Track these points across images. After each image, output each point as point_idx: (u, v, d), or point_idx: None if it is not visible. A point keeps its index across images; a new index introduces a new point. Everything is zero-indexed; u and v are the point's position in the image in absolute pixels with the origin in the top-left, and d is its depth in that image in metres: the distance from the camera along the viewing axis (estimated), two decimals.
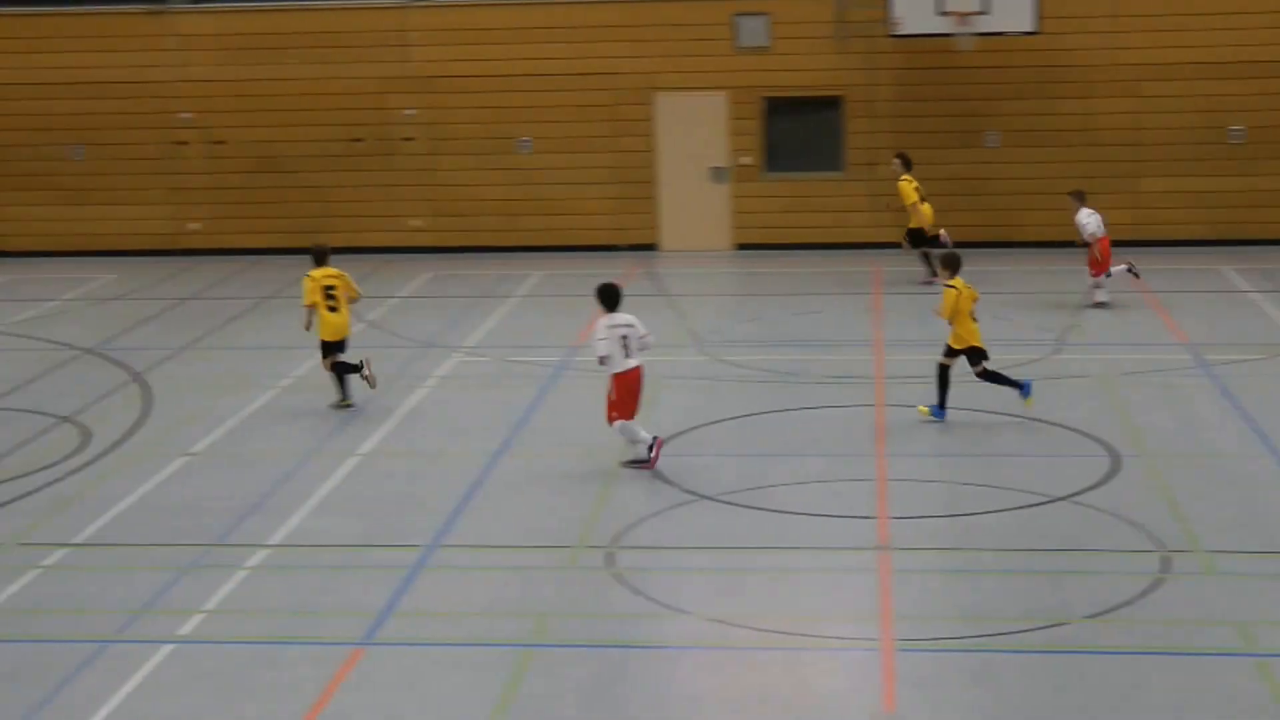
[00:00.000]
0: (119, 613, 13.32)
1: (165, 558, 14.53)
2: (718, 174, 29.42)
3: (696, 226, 29.49)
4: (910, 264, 26.07)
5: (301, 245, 29.28)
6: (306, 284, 19.48)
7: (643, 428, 16.79)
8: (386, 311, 24.56)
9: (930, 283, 24.31)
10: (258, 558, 14.52)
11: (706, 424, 18.26)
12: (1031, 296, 24.76)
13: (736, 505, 15.61)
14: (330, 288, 19.32)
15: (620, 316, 16.67)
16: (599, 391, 19.17)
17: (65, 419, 19.14)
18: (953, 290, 17.90)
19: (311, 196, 29.62)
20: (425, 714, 11.46)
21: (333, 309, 19.32)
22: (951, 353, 18.09)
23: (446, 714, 11.46)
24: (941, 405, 18.05)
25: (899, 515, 15.18)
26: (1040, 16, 27.12)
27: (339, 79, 29.43)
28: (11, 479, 16.91)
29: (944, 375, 18.06)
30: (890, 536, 14.66)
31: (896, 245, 26.52)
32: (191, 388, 20.49)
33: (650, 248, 29.44)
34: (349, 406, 19.30)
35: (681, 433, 17.93)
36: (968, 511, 15.37)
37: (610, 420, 16.70)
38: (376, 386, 19.37)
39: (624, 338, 16.55)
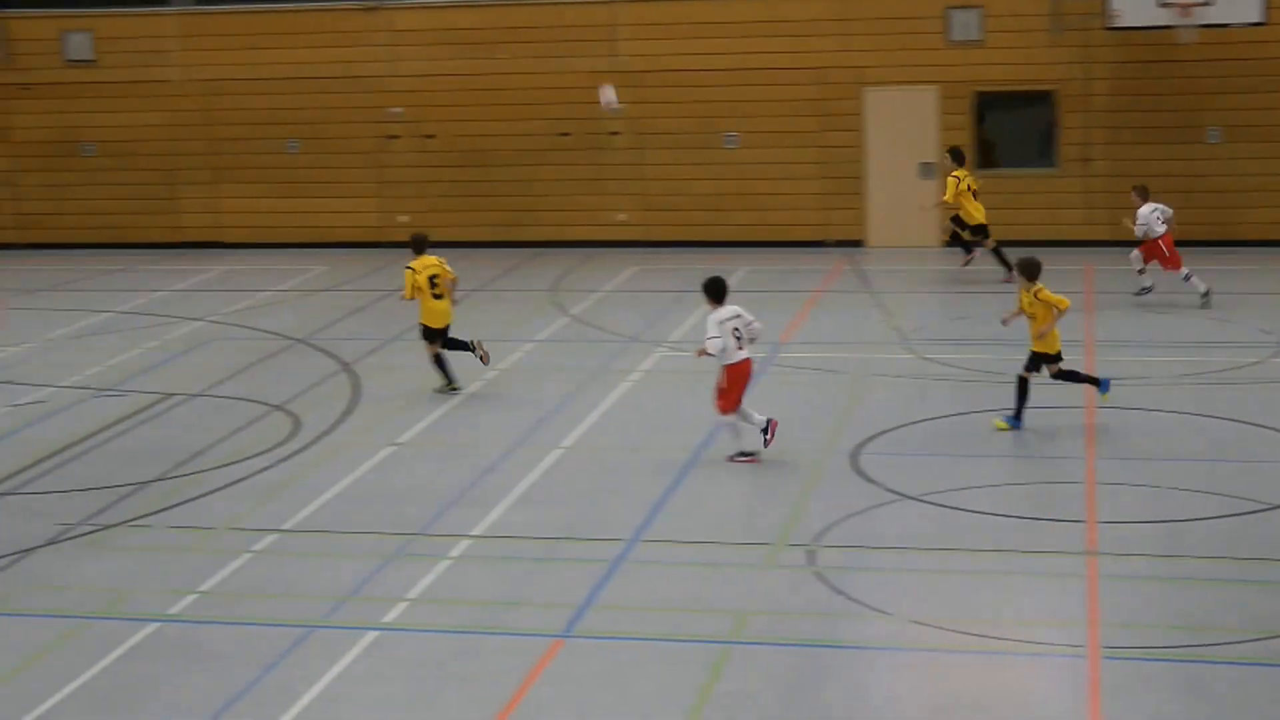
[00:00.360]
0: (325, 599, 13.53)
1: (370, 546, 14.74)
2: (926, 170, 29.07)
3: (904, 223, 29.20)
4: (1119, 262, 25.50)
5: (508, 239, 29.75)
6: (408, 276, 19.89)
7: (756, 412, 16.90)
8: (591, 305, 24.66)
9: (961, 262, 25.65)
10: (460, 548, 14.65)
11: (911, 423, 18.02)
12: (1252, 297, 24.07)
13: (940, 506, 15.37)
14: (433, 277, 19.80)
15: (729, 309, 16.84)
16: (802, 388, 19.06)
17: (276, 407, 19.52)
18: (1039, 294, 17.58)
19: (518, 190, 29.91)
20: (623, 708, 11.45)
21: (437, 296, 19.80)
22: (1036, 361, 17.67)
23: (644, 709, 11.43)
24: (1018, 415, 17.60)
25: (1108, 520, 14.83)
26: (1268, 6, 26.34)
27: (548, 73, 29.65)
28: (224, 465, 17.29)
29: (1025, 385, 17.64)
30: (1099, 541, 14.33)
31: (1111, 244, 25.95)
32: (399, 378, 20.77)
33: (856, 244, 29.20)
34: (456, 390, 19.71)
35: (886, 431, 17.73)
36: (1179, 517, 14.95)
37: (721, 411, 16.83)
38: (489, 363, 19.86)
39: (735, 330, 16.70)
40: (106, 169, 31.36)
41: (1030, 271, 17.61)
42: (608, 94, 21.56)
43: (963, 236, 26.05)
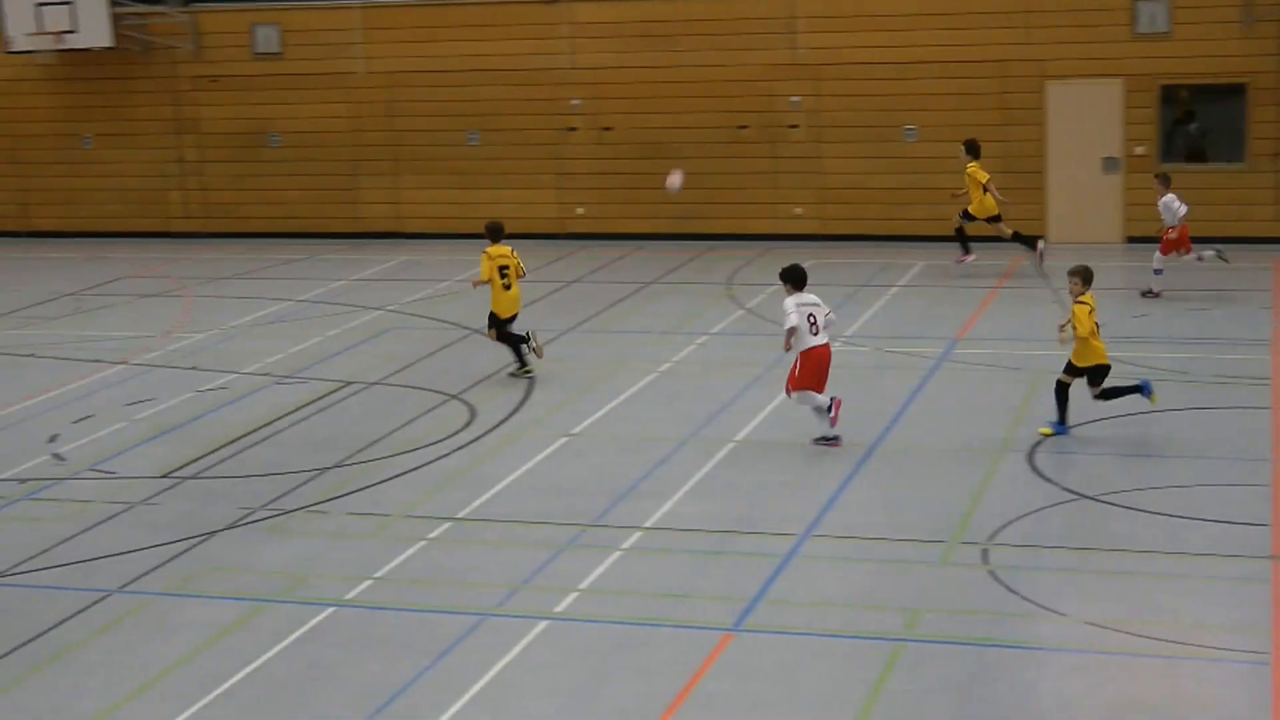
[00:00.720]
0: (499, 587, 13.65)
1: (543, 536, 14.84)
2: (1110, 164, 28.57)
3: (1086, 218, 28.72)
4: None
5: (684, 231, 29.78)
6: (484, 261, 20.39)
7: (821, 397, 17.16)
8: (766, 299, 24.58)
9: (961, 261, 26.13)
10: (632, 539, 14.69)
11: (1090, 421, 17.71)
12: None
13: (1118, 506, 15.10)
14: (504, 267, 20.33)
15: (807, 296, 17.18)
16: (979, 384, 18.86)
17: (453, 396, 19.74)
18: (1085, 306, 17.00)
19: (695, 183, 29.79)
20: (793, 703, 11.40)
21: (506, 286, 20.33)
22: (1075, 370, 17.14)
23: (814, 705, 11.38)
24: (1062, 420, 17.17)
25: None
26: None
27: (726, 66, 29.62)
28: (401, 453, 17.52)
29: (1063, 392, 17.17)
30: None
31: None
32: (574, 369, 20.88)
33: (1037, 239, 28.76)
34: (529, 374, 20.31)
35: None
36: None
37: (788, 391, 17.21)
38: (543, 356, 20.31)
39: (811, 316, 17.03)
40: (291, 160, 31.93)
41: (1087, 277, 17.23)
42: (674, 180, 22.36)
43: (964, 231, 26.33)
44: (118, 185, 32.81)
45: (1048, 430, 17.19)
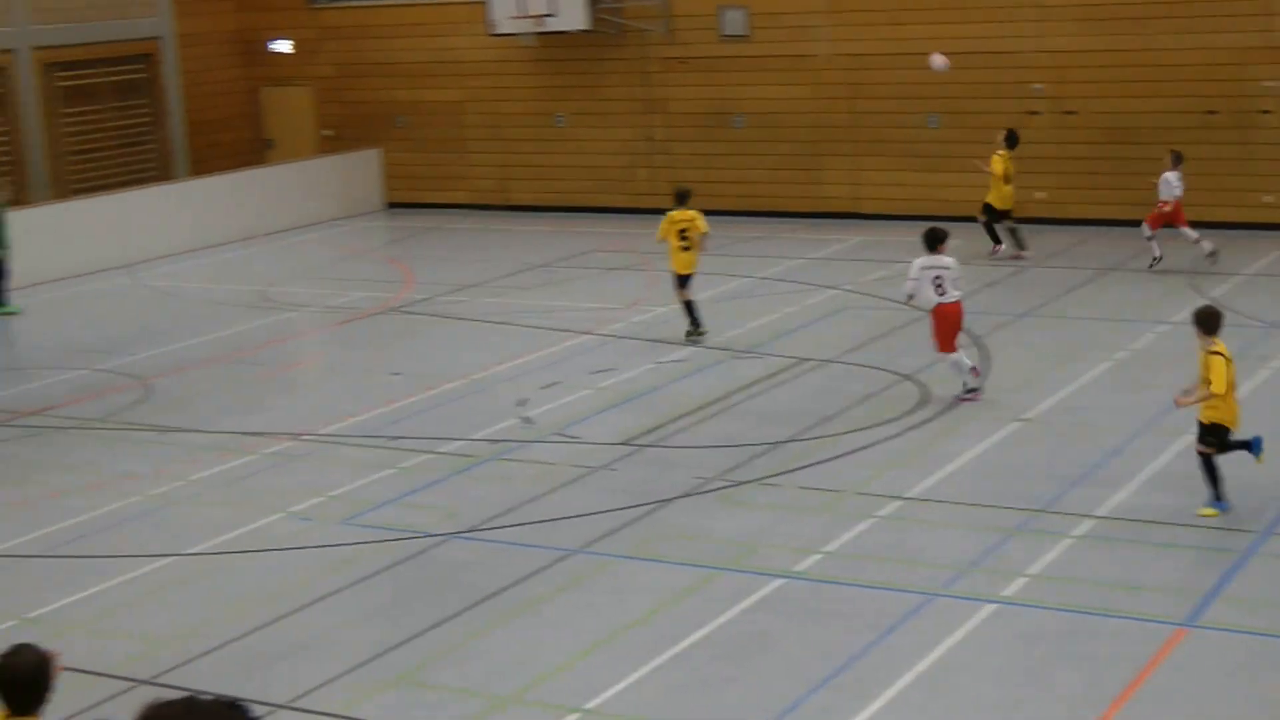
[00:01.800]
0: (945, 568, 13.73)
1: (992, 519, 14.83)
2: None
3: None
4: None
5: (1140, 219, 29.05)
6: (663, 224, 22.03)
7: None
8: (1231, 289, 23.81)
9: (996, 252, 26.82)
10: (1084, 527, 14.54)
11: None
12: None
13: None
14: (684, 230, 21.74)
15: (937, 259, 18.61)
16: None
17: (906, 377, 19.83)
18: (1221, 358, 14.40)
19: (1158, 169, 29.10)
20: (1249, 705, 11.14)
21: (685, 248, 21.87)
22: (1213, 434, 14.64)
23: (1273, 708, 11.08)
24: (1219, 497, 14.76)
25: None
26: None
27: (1196, 49, 28.71)
28: (854, 430, 17.73)
29: (1210, 462, 14.73)
30: None
31: None
32: (1028, 354, 20.70)
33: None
34: (702, 334, 21.86)
35: None
36: None
37: (940, 350, 18.61)
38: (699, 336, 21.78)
39: (937, 278, 18.46)
40: (753, 140, 32.48)
41: (1209, 324, 14.68)
42: (937, 61, 23.17)
43: (986, 222, 26.94)
44: (588, 162, 34.03)
45: (1211, 511, 14.74)
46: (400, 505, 16.06)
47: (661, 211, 23.78)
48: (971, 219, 27.64)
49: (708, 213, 22.70)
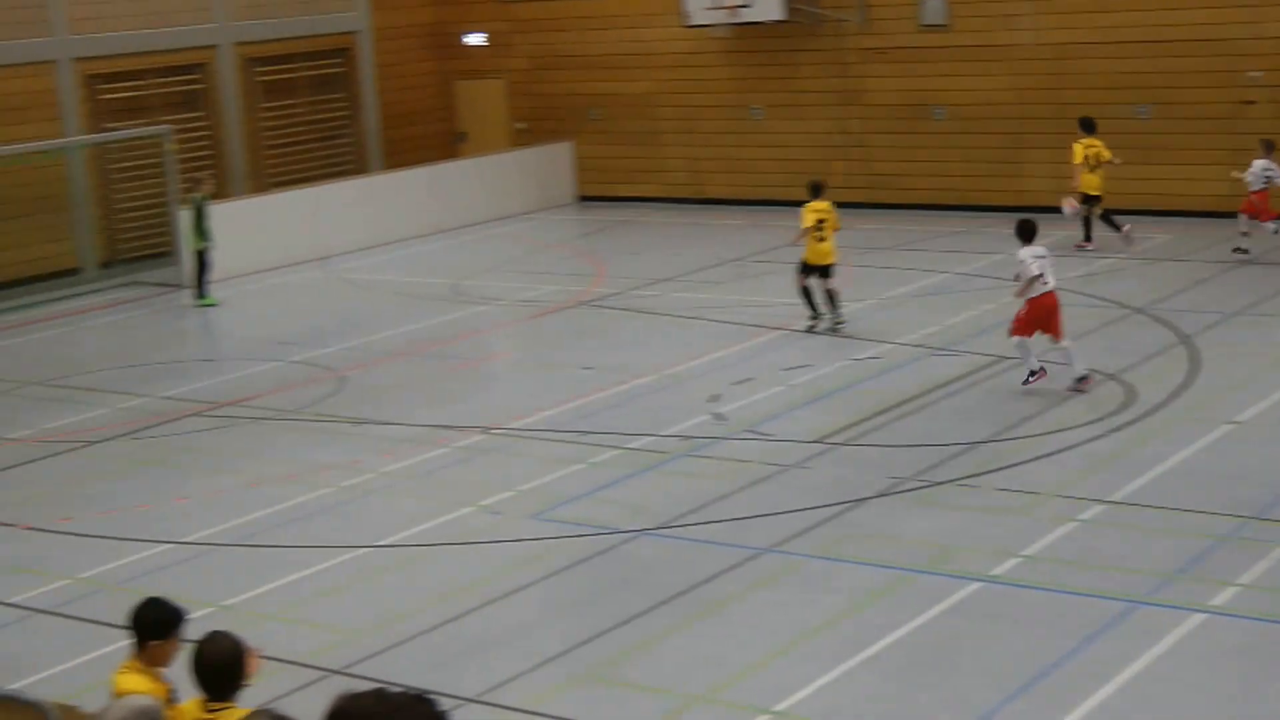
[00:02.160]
0: (1151, 575, 13.21)
1: (1200, 525, 14.26)
2: None
3: None
4: None
5: None
6: (805, 214, 22.22)
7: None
8: None
9: (1082, 247, 26.67)
10: None
11: None
12: None
13: None
14: (822, 221, 22.05)
15: (1038, 248, 18.64)
16: None
17: (1111, 376, 19.23)
18: None
19: None
20: None
21: (820, 239, 22.04)
22: None
23: None
24: None
25: None
26: None
27: None
28: (1054, 431, 17.22)
29: None
30: None
31: None
32: (1240, 354, 19.96)
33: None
34: (817, 319, 22.09)
35: None
36: None
37: (1011, 334, 18.62)
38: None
39: (1041, 268, 18.42)
40: (953, 132, 31.87)
41: None
42: (1070, 205, 25.14)
43: (1095, 214, 26.76)
44: (783, 155, 33.67)
45: None
46: (590, 501, 15.94)
47: (860, 206, 23.73)
48: (1182, 213, 26.85)
49: (901, 206, 22.40)
